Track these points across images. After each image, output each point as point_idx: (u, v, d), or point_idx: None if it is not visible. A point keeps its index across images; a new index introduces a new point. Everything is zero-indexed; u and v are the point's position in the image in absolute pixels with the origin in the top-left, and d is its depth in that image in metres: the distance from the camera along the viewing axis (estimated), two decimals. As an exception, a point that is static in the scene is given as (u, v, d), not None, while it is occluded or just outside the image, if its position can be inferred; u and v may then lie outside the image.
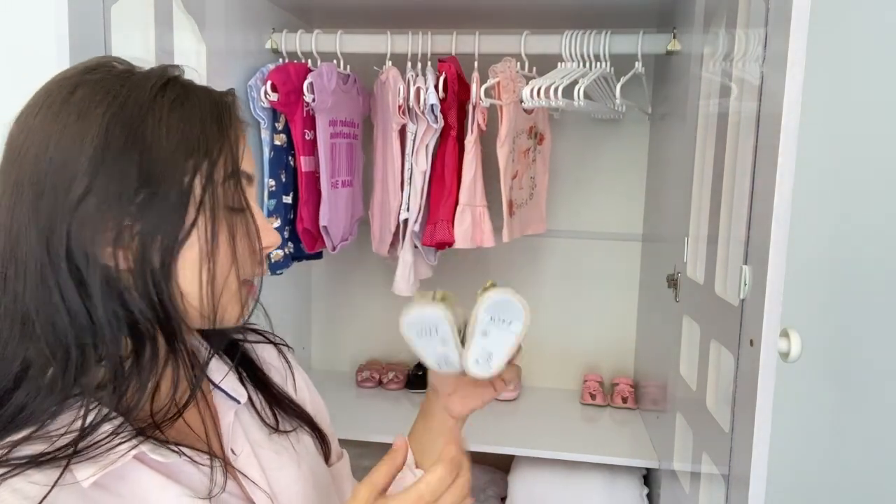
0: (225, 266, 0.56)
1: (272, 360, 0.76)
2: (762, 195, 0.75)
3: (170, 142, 0.53)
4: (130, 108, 0.53)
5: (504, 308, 0.66)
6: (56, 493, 0.48)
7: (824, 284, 1.49)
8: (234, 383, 0.67)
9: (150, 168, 0.52)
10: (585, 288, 1.70)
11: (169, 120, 0.54)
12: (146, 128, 0.53)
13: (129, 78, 0.56)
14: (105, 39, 0.78)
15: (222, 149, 0.56)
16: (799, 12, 0.68)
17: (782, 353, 0.74)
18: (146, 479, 0.54)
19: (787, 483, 1.54)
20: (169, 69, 0.59)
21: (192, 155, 0.54)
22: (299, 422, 0.73)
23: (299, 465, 0.68)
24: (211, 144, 0.56)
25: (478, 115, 1.31)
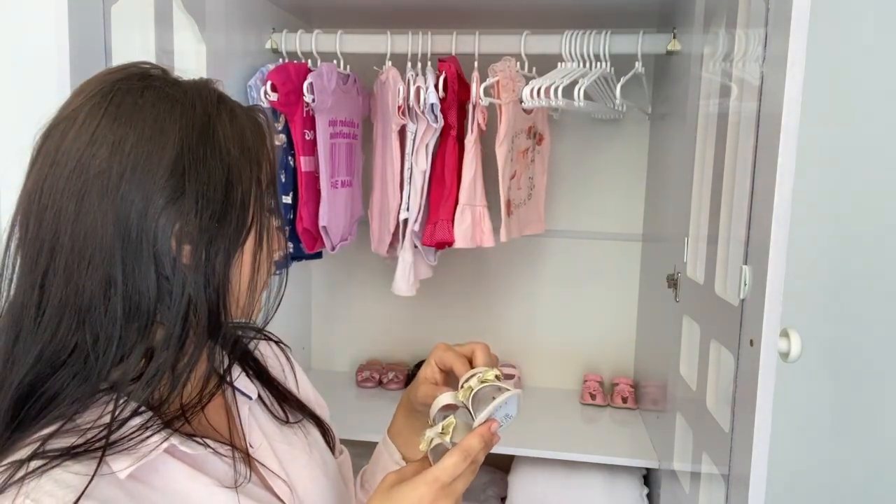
0: (265, 266, 0.62)
1: (271, 357, 0.79)
2: (762, 195, 0.75)
3: (235, 149, 0.58)
4: (200, 116, 0.57)
5: (505, 406, 0.66)
6: (96, 482, 0.50)
7: (824, 284, 1.49)
8: (245, 380, 0.71)
9: (227, 173, 0.57)
10: (585, 288, 1.70)
11: (231, 129, 0.58)
12: (217, 135, 0.57)
13: (182, 86, 0.59)
14: (105, 39, 0.78)
15: (265, 158, 0.62)
16: (799, 12, 0.68)
17: (782, 353, 0.74)
18: (176, 470, 0.57)
19: (787, 483, 1.54)
20: (210, 82, 0.63)
21: (251, 163, 0.59)
22: (304, 415, 0.76)
23: (311, 454, 0.72)
24: (260, 154, 0.61)
25: (478, 115, 1.31)
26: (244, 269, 0.60)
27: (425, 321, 1.77)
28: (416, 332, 1.78)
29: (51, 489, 0.49)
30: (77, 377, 0.54)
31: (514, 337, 1.75)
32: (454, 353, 0.73)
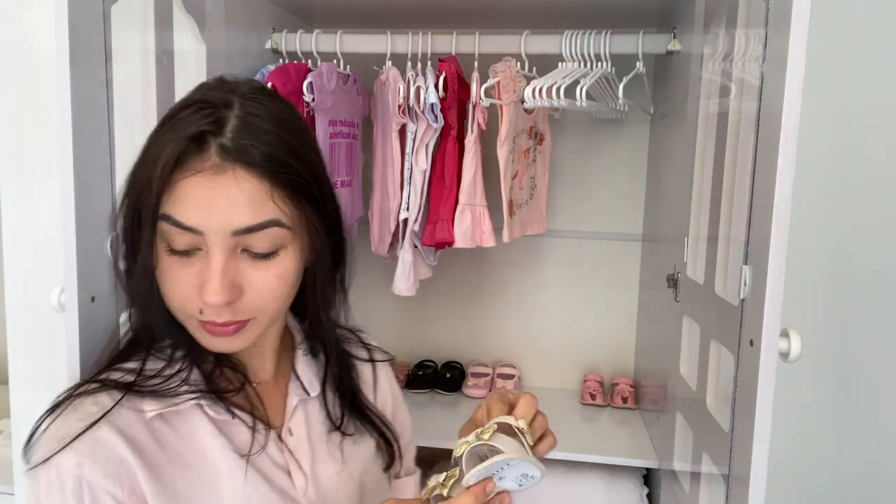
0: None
1: (364, 370, 0.86)
2: (762, 195, 0.75)
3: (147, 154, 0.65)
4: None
5: (513, 468, 0.62)
6: (122, 414, 0.63)
7: (824, 284, 1.49)
8: (313, 379, 0.78)
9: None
10: (585, 288, 1.70)
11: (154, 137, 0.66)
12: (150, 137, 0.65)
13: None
14: (105, 39, 0.78)
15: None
16: (799, 12, 0.68)
17: (782, 353, 0.74)
18: (202, 424, 0.67)
19: (787, 483, 1.54)
20: (217, 79, 0.71)
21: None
22: (370, 429, 0.81)
23: (344, 464, 0.76)
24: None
25: (478, 115, 1.31)
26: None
27: (425, 321, 1.77)
28: (416, 332, 1.78)
29: (89, 408, 0.62)
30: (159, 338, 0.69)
31: (514, 337, 1.75)
32: (498, 396, 0.70)
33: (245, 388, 0.71)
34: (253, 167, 0.60)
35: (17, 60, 1.38)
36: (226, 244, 0.60)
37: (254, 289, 0.63)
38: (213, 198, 0.59)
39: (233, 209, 0.60)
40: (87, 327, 0.74)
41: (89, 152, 0.75)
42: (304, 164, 0.64)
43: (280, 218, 0.62)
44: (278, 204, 0.62)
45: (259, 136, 0.61)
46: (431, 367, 1.73)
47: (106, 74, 0.78)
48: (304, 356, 0.78)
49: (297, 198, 0.63)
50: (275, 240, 0.62)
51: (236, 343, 0.65)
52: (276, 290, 0.64)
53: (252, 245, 0.62)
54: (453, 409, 1.58)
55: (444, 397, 1.64)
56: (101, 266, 0.78)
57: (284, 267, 0.64)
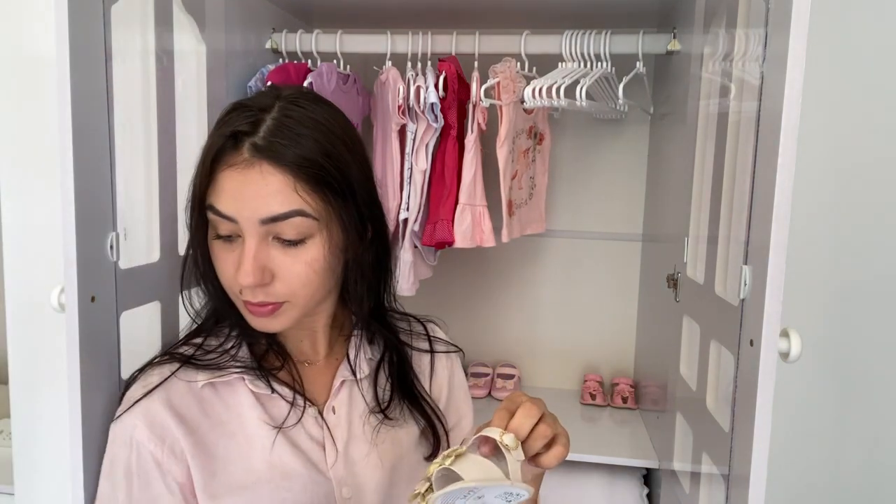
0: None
1: (422, 360, 0.90)
2: (762, 195, 0.75)
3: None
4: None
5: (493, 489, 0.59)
6: (173, 382, 0.74)
7: (824, 284, 1.49)
8: (364, 363, 0.83)
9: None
10: (585, 288, 1.70)
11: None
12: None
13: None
14: (105, 39, 0.78)
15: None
16: (799, 12, 0.68)
17: (782, 353, 0.74)
18: (244, 396, 0.75)
19: (787, 483, 1.54)
20: (264, 90, 0.84)
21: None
22: (418, 416, 0.84)
23: (375, 446, 0.80)
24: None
25: (478, 115, 1.31)
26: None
27: (425, 321, 1.77)
28: (416, 332, 1.78)
29: (152, 377, 0.74)
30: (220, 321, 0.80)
31: (514, 337, 1.75)
32: (506, 402, 0.69)
33: (289, 366, 0.78)
34: (279, 163, 0.67)
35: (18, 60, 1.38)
36: (257, 231, 0.68)
37: (285, 273, 0.70)
38: (243, 189, 0.67)
39: (259, 199, 0.67)
40: (87, 327, 0.74)
41: (89, 152, 0.75)
42: (334, 162, 0.70)
43: (304, 209, 0.68)
44: (303, 196, 0.68)
45: (290, 136, 0.68)
46: (431, 367, 1.73)
47: (106, 74, 0.78)
48: (356, 341, 0.84)
49: (322, 192, 0.69)
50: (300, 228, 0.69)
51: (274, 323, 0.73)
52: (305, 276, 0.70)
53: (281, 233, 0.68)
54: (453, 409, 1.58)
55: (444, 397, 1.64)
56: (101, 266, 0.78)
57: (312, 255, 0.70)
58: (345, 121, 0.76)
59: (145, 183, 0.93)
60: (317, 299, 0.75)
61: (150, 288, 0.89)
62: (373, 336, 0.85)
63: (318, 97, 0.76)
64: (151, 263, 0.90)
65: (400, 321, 0.91)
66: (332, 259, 0.72)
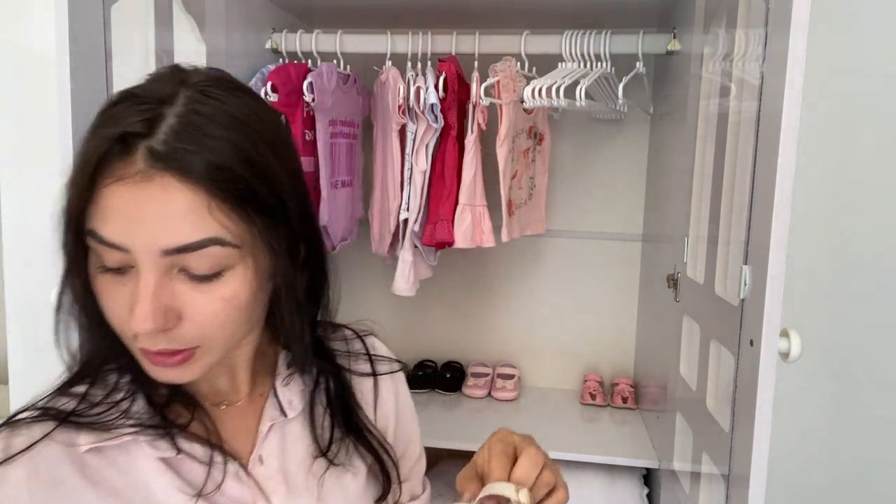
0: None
1: (363, 384, 0.75)
2: (762, 195, 0.75)
3: None
4: None
5: None
6: (46, 447, 0.56)
7: (824, 284, 1.49)
8: (296, 398, 0.68)
9: None
10: (585, 288, 1.70)
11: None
12: None
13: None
14: (105, 39, 0.78)
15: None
16: (799, 12, 0.68)
17: (782, 353, 0.74)
18: (145, 461, 0.58)
19: (787, 483, 1.54)
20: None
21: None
22: (364, 453, 0.70)
23: (321, 500, 0.66)
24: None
25: (478, 115, 1.31)
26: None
27: (425, 321, 1.77)
28: (416, 332, 1.78)
29: (14, 439, 0.55)
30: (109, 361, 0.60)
31: (514, 337, 1.75)
32: (502, 446, 0.62)
33: (200, 414, 0.62)
34: (187, 176, 0.50)
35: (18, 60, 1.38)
36: (157, 264, 0.51)
37: (195, 314, 0.53)
38: (138, 211, 0.50)
39: (161, 225, 0.50)
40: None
41: (89, 152, 0.75)
42: (260, 174, 0.53)
43: (222, 235, 0.52)
44: (219, 219, 0.52)
45: (200, 138, 0.51)
46: (431, 367, 1.73)
47: (106, 74, 0.78)
48: (287, 372, 0.69)
49: (244, 211, 0.53)
50: (216, 259, 0.53)
51: (184, 374, 0.56)
52: (223, 315, 0.55)
53: (190, 266, 0.52)
54: (453, 409, 1.58)
55: (444, 397, 1.64)
56: (101, 266, 0.77)
57: (232, 289, 0.54)
58: (271, 115, 0.59)
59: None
60: (238, 338, 0.59)
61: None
62: (305, 366, 0.70)
63: (236, 84, 0.58)
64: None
65: (335, 340, 0.76)
66: (257, 291, 0.57)
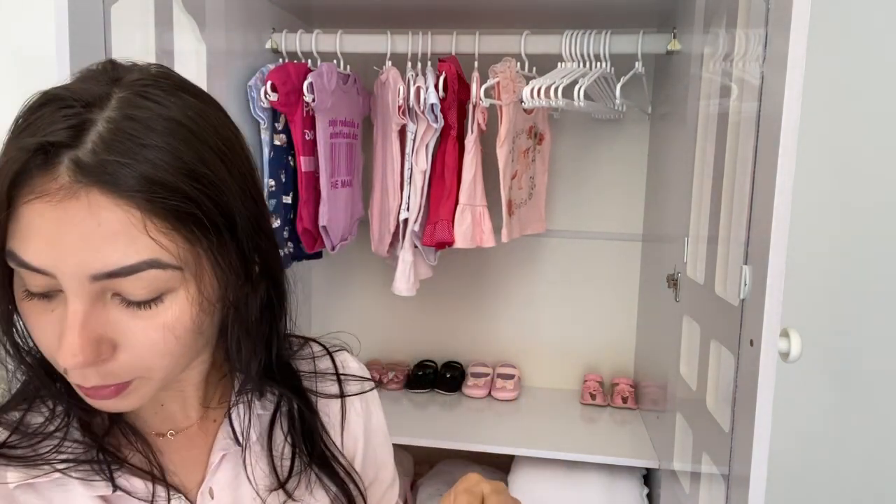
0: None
1: (330, 406, 0.69)
2: (762, 195, 0.75)
3: None
4: None
5: None
6: None
7: (824, 284, 1.49)
8: (252, 423, 0.62)
9: None
10: (585, 288, 1.70)
11: None
12: None
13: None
14: (105, 39, 0.78)
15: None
16: (799, 12, 0.68)
17: (782, 353, 0.74)
18: (81, 497, 0.53)
19: (787, 483, 1.54)
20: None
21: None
22: (328, 483, 0.64)
23: None
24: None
25: (478, 115, 1.31)
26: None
27: (425, 321, 1.77)
28: (416, 332, 1.78)
29: None
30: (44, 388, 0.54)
31: (514, 337, 1.75)
32: (465, 499, 0.56)
33: (141, 444, 0.57)
34: (117, 191, 0.44)
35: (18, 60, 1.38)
36: (86, 290, 0.45)
37: (132, 344, 0.48)
38: (61, 231, 0.44)
39: (88, 248, 0.44)
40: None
41: (89, 152, 0.75)
42: (204, 186, 0.47)
43: (160, 257, 0.46)
44: (157, 238, 0.45)
45: (134, 149, 0.44)
46: (431, 367, 1.73)
47: (106, 74, 0.78)
48: (243, 398, 0.62)
49: (186, 229, 0.47)
50: (154, 283, 0.46)
51: (122, 404, 0.51)
52: (163, 345, 0.48)
53: (125, 291, 0.46)
54: (453, 409, 1.58)
55: (444, 397, 1.64)
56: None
57: (173, 315, 0.48)
58: (220, 118, 0.52)
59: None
60: (182, 367, 0.53)
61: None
62: (263, 389, 0.63)
63: (180, 82, 0.51)
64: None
65: (300, 359, 0.69)
66: (203, 315, 0.50)
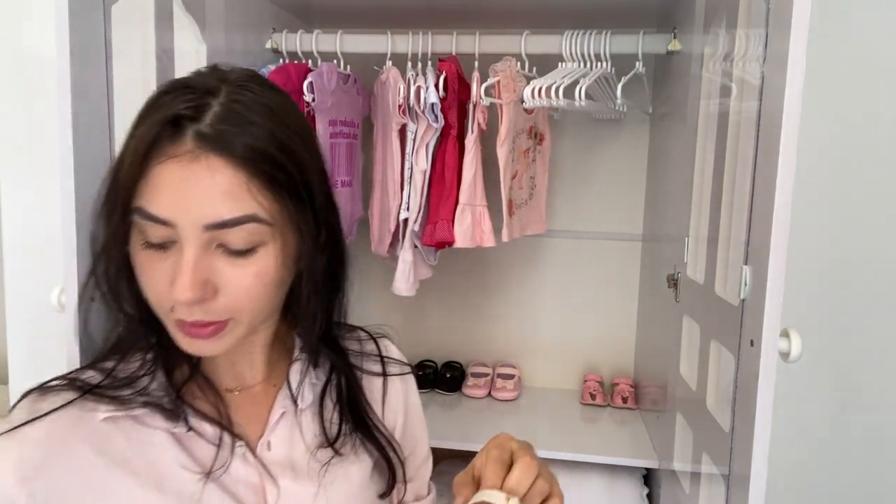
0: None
1: (373, 383, 0.80)
2: (762, 195, 0.75)
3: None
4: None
5: None
6: (65, 413, 0.60)
7: (824, 284, 1.49)
8: (308, 390, 0.72)
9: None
10: (585, 288, 1.70)
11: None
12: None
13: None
14: (105, 39, 0.78)
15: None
16: (799, 12, 0.68)
17: (782, 353, 0.74)
18: (157, 435, 0.63)
19: (787, 483, 1.54)
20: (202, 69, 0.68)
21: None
22: (371, 448, 0.74)
23: (323, 488, 0.69)
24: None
25: (478, 115, 1.31)
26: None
27: (425, 321, 1.77)
28: (415, 332, 1.78)
29: (40, 404, 0.60)
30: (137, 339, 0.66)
31: (514, 337, 1.75)
32: (497, 453, 0.64)
33: (213, 396, 0.67)
34: (230, 157, 0.56)
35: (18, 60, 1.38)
36: (199, 239, 0.57)
37: (230, 288, 0.59)
38: (185, 188, 0.55)
39: (206, 201, 0.56)
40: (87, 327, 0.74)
41: (89, 152, 0.75)
42: (292, 159, 0.59)
43: (258, 213, 0.58)
44: (257, 198, 0.57)
45: (242, 125, 0.57)
46: (431, 367, 1.73)
47: (106, 74, 0.79)
48: (301, 365, 0.73)
49: (279, 193, 0.59)
50: (252, 236, 0.58)
51: (214, 346, 0.61)
52: (254, 290, 0.60)
53: (228, 241, 0.58)
54: (453, 409, 1.58)
55: (444, 397, 1.65)
56: (101, 266, 0.77)
57: (263, 265, 0.60)
58: (299, 111, 0.66)
59: (145, 183, 0.93)
60: (263, 316, 0.64)
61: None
62: (318, 358, 0.74)
63: (268, 82, 0.65)
64: (151, 263, 0.90)
65: (349, 339, 0.81)
66: (284, 271, 0.62)
